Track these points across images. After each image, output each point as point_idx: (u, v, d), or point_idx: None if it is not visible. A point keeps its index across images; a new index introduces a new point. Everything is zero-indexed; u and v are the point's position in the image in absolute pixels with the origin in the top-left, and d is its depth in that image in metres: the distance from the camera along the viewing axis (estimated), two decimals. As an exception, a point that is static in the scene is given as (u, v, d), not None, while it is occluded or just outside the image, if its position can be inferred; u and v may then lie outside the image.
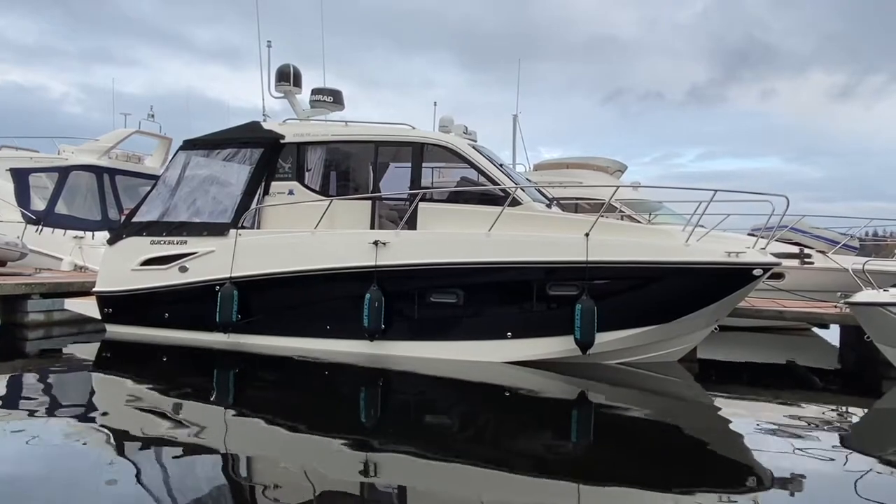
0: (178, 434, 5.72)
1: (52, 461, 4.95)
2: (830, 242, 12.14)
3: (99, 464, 4.97)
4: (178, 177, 9.62)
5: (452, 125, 9.80)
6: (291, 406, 6.79)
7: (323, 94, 9.80)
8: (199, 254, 8.99)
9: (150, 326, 9.28)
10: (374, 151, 9.13)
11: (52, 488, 4.40)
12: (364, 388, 7.75)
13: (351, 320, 8.16)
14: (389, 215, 9.37)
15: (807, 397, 7.75)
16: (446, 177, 10.48)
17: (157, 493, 4.39)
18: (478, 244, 8.03)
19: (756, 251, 7.88)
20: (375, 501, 4.43)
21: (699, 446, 6.08)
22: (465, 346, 8.15)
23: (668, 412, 7.15)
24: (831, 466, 5.30)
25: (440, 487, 4.70)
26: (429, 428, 6.31)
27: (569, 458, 5.51)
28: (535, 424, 6.38)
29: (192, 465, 5.00)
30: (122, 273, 9.32)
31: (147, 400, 6.88)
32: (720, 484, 4.86)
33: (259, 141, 9.28)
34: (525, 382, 7.74)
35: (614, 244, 7.76)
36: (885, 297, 7.76)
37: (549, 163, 15.61)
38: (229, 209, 9.15)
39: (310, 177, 9.31)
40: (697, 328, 8.27)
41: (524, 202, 8.34)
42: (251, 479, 4.85)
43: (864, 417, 7.22)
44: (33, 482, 4.50)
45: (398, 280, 8.20)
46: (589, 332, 7.62)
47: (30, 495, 4.25)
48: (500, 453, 5.42)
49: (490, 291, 8.09)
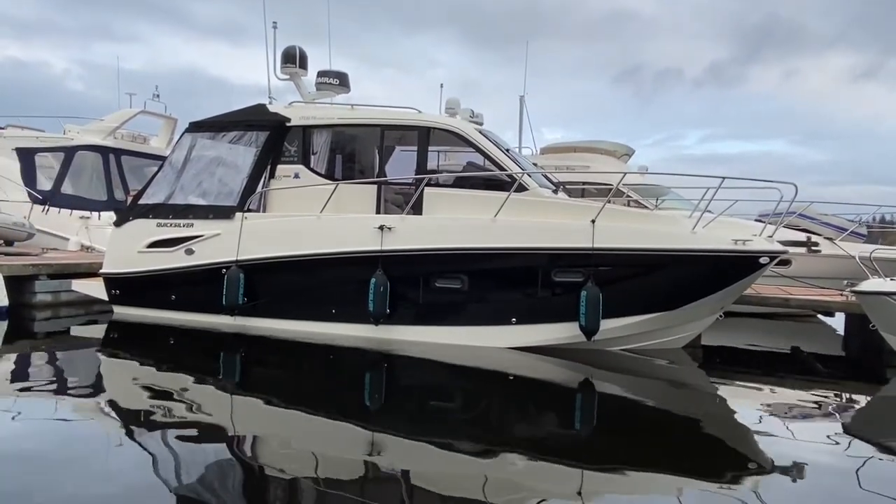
0: (185, 414, 5.80)
1: (61, 440, 5.03)
2: (838, 229, 12.09)
3: (107, 443, 5.06)
4: (183, 159, 9.62)
5: (459, 107, 9.74)
6: (297, 389, 6.86)
7: (329, 76, 9.74)
8: (205, 237, 9.01)
9: (156, 308, 9.34)
10: (380, 135, 9.09)
11: (61, 466, 4.46)
12: (368, 371, 7.80)
13: (356, 304, 8.19)
14: (395, 199, 9.35)
15: (810, 384, 7.77)
16: (452, 160, 10.43)
17: (164, 472, 4.46)
18: (483, 230, 8.01)
19: (763, 239, 7.84)
20: (379, 483, 4.49)
21: (701, 432, 6.12)
22: (469, 332, 8.17)
23: (670, 398, 7.19)
24: (833, 454, 5.32)
25: (443, 470, 4.75)
26: (432, 412, 6.37)
27: (571, 443, 5.55)
28: (538, 409, 6.43)
29: (199, 445, 5.08)
30: (129, 255, 9.36)
31: (154, 381, 6.96)
32: (721, 470, 4.88)
33: (265, 124, 9.25)
34: (529, 368, 7.77)
35: (620, 231, 7.74)
36: (891, 286, 7.74)
37: (557, 146, 15.52)
38: (235, 192, 9.15)
39: (315, 160, 9.29)
40: (703, 315, 8.27)
41: (530, 188, 8.31)
42: (257, 459, 4.92)
43: (866, 405, 7.23)
44: (42, 461, 4.56)
45: (403, 265, 8.21)
46: (594, 319, 7.62)
47: (39, 473, 4.31)
48: (503, 438, 5.48)
49: (495, 277, 8.09)
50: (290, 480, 4.44)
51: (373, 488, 4.42)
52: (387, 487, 4.44)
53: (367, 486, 4.43)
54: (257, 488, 4.42)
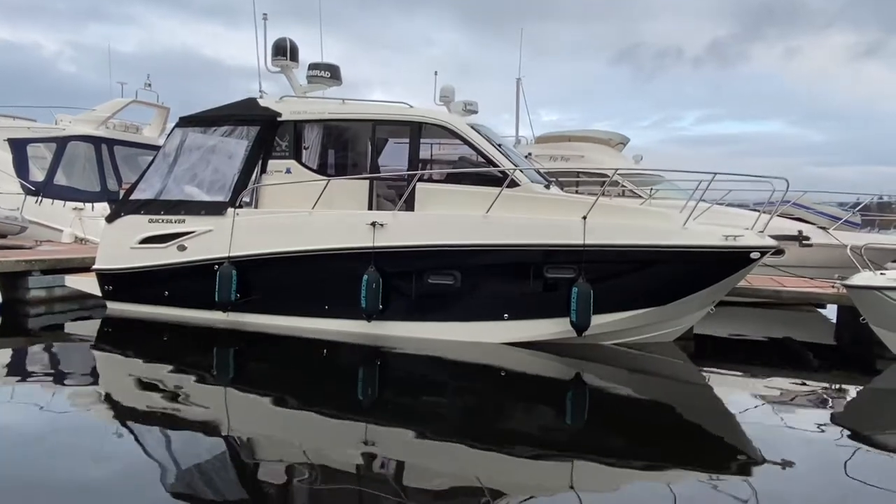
0: (179, 407, 5.91)
1: (55, 430, 5.14)
2: (832, 218, 12.09)
3: (102, 434, 5.16)
4: (174, 154, 9.56)
5: (453, 95, 9.68)
6: (291, 383, 6.90)
7: (320, 69, 9.65)
8: (197, 233, 8.99)
9: (150, 304, 9.34)
10: (371, 130, 9.05)
11: (55, 454, 4.57)
12: (362, 367, 7.86)
13: (349, 300, 8.20)
14: (387, 194, 9.33)
15: (801, 375, 7.84)
16: (445, 150, 10.40)
17: (158, 461, 4.58)
18: (475, 226, 8.01)
19: (754, 234, 7.85)
20: (372, 477, 4.57)
21: (691, 425, 6.21)
22: (462, 327, 8.20)
23: (661, 391, 7.27)
24: (822, 445, 5.42)
25: (435, 464, 4.82)
26: (425, 406, 6.43)
27: (562, 437, 5.63)
28: (529, 404, 6.50)
29: (192, 436, 5.18)
30: (122, 251, 9.35)
31: (148, 375, 7.03)
32: (711, 462, 4.98)
33: (255, 119, 9.18)
34: (520, 363, 7.83)
35: (611, 227, 7.74)
36: (881, 280, 7.76)
37: (551, 136, 15.45)
38: (226, 188, 9.11)
39: (307, 155, 9.24)
40: (694, 310, 8.30)
41: (522, 183, 8.29)
42: (250, 453, 5.00)
43: (856, 397, 7.31)
44: (36, 449, 4.70)
45: (396, 261, 8.21)
46: (585, 315, 7.65)
47: (34, 461, 4.45)
48: (494, 432, 5.53)
49: (487, 273, 8.10)
50: (284, 472, 4.53)
51: (366, 481, 4.50)
52: (380, 480, 4.51)
53: (360, 479, 4.51)
54: (250, 477, 4.51)
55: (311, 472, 4.55)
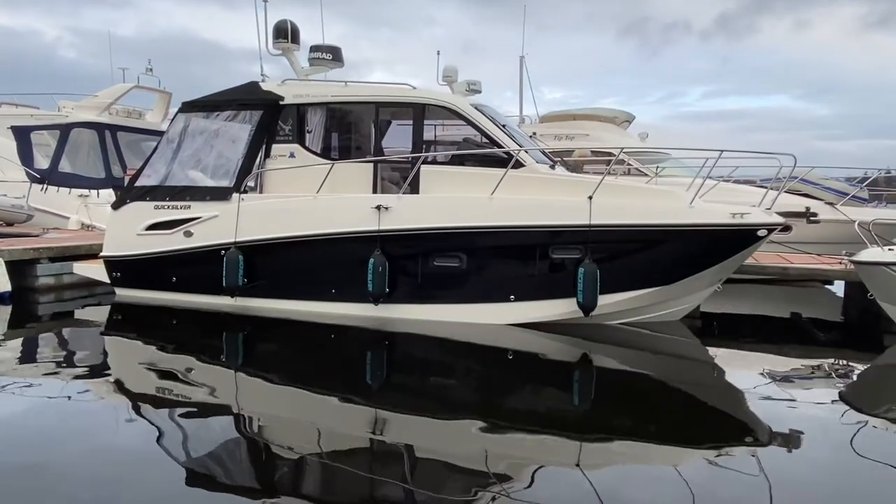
0: (190, 392, 6.00)
1: (68, 419, 5.18)
2: (839, 194, 12.00)
3: (115, 421, 5.22)
4: (178, 140, 9.54)
5: (456, 75, 9.59)
6: (299, 367, 6.96)
7: (322, 51, 9.56)
8: (203, 219, 9.00)
9: (158, 290, 9.40)
10: (374, 112, 9.00)
11: (67, 441, 4.65)
12: (370, 350, 7.91)
13: (355, 284, 8.22)
14: (391, 177, 9.30)
15: (808, 352, 7.86)
16: (449, 131, 10.34)
17: (171, 447, 4.64)
18: (480, 208, 7.99)
19: (761, 211, 7.80)
20: (381, 456, 4.63)
21: (698, 403, 6.25)
22: (468, 309, 8.22)
23: (668, 370, 7.29)
24: (830, 422, 5.44)
25: (444, 445, 4.87)
26: (433, 388, 6.49)
27: (570, 417, 5.67)
28: (537, 384, 6.55)
29: (204, 420, 5.25)
30: (128, 238, 9.38)
31: (159, 360, 7.11)
32: (719, 439, 5.01)
33: (258, 103, 9.14)
34: (527, 344, 7.85)
35: (617, 207, 7.70)
36: (889, 256, 7.72)
37: (556, 115, 15.34)
38: (231, 173, 9.11)
39: (310, 139, 9.21)
40: (701, 288, 8.29)
41: (527, 164, 8.25)
42: (261, 434, 5.08)
43: (863, 373, 7.31)
44: (49, 436, 4.75)
45: (401, 244, 8.21)
46: (591, 295, 7.65)
47: (47, 448, 4.50)
48: (502, 412, 5.58)
49: (493, 255, 8.09)
50: (293, 454, 4.59)
51: (375, 461, 4.57)
52: (389, 460, 4.57)
53: (369, 459, 4.58)
54: (261, 460, 4.58)
55: (320, 453, 4.61)
